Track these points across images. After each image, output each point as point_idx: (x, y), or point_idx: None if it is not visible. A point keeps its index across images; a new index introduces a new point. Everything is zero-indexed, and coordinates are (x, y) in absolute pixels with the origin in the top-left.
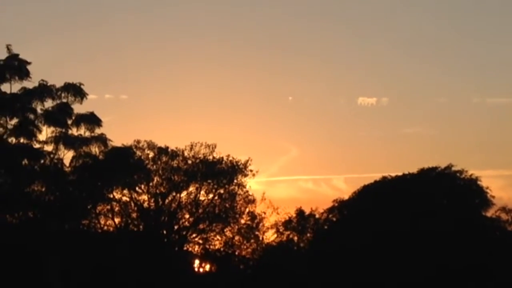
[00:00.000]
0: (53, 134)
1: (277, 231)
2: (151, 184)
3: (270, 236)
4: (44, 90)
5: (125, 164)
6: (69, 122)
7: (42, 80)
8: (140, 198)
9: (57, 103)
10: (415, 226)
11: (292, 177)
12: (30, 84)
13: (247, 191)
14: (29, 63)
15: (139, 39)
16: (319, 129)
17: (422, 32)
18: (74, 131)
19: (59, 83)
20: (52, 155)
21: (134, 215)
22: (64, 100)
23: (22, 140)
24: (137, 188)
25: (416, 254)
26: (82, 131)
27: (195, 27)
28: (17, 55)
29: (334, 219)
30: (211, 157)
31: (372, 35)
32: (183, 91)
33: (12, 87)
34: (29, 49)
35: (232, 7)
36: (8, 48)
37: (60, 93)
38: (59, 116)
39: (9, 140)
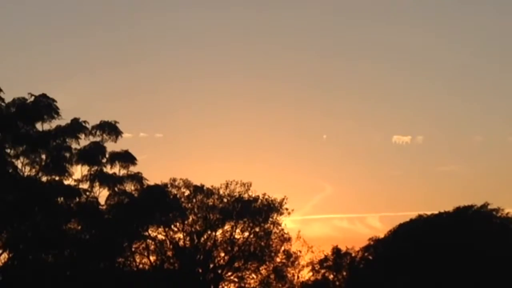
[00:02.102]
0: (88, 172)
1: (313, 269)
2: (186, 222)
3: (305, 275)
4: (77, 128)
5: (160, 202)
6: (104, 160)
7: (75, 118)
8: (175, 236)
9: (92, 141)
10: (451, 265)
11: (326, 215)
12: (62, 122)
13: (283, 230)
14: (56, 101)
15: (174, 78)
16: (353, 167)
17: (458, 70)
18: (108, 169)
19: (93, 122)
20: (87, 193)
21: (169, 253)
22: (99, 138)
23: (56, 178)
24: (172, 226)
25: None
26: (117, 169)
27: (229, 66)
28: (45, 94)
29: (370, 257)
30: (246, 196)
31: (407, 74)
32: (218, 130)
33: (44, 126)
34: (63, 88)
35: (266, 46)
36: (31, 95)
37: (95, 131)
38: (94, 154)
39: (43, 178)
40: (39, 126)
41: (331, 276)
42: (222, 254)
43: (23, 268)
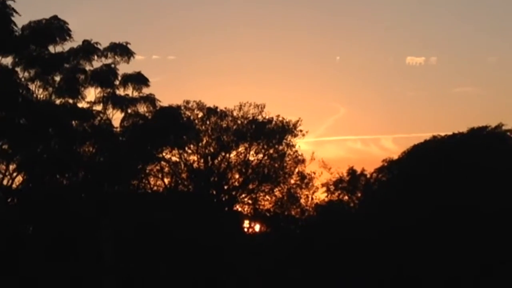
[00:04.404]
0: (101, 94)
1: (328, 190)
2: (200, 144)
3: (319, 195)
4: (89, 49)
5: (174, 124)
6: (117, 82)
7: (86, 39)
8: (189, 158)
9: (104, 63)
10: (466, 184)
11: (340, 137)
12: (74, 44)
13: (297, 151)
14: (67, 23)
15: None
16: (367, 89)
17: None
18: (121, 91)
19: (106, 45)
20: (101, 116)
21: (183, 175)
22: (111, 60)
23: (69, 101)
24: (186, 148)
25: (467, 214)
26: (130, 91)
27: None
28: (56, 16)
29: (384, 178)
30: (260, 117)
31: None
32: (231, 53)
33: (56, 49)
34: (76, 11)
35: None
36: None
37: (107, 53)
38: (107, 75)
39: (57, 101)
40: (51, 49)
41: (346, 197)
42: (236, 176)
43: (38, 190)
